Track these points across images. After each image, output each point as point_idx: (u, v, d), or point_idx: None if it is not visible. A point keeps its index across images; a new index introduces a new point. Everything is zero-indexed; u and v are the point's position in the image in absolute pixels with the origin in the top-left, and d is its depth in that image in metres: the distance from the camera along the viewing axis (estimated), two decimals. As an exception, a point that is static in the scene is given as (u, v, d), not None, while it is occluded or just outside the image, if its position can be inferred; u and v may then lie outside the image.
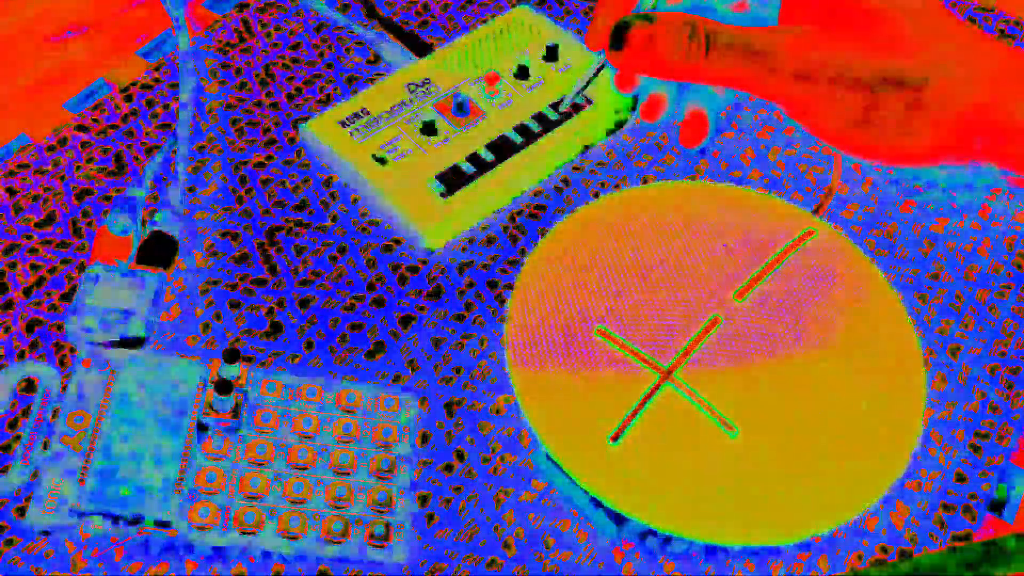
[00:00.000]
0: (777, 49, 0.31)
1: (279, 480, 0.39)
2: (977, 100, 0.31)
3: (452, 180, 0.49)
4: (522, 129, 0.51)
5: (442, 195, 0.48)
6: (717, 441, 0.39)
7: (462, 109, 0.51)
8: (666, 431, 0.39)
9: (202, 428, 0.40)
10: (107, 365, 0.41)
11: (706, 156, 0.54)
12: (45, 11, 0.58)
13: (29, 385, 0.42)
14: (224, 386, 0.40)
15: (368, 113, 0.51)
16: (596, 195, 0.52)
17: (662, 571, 0.40)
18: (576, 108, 0.52)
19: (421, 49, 0.56)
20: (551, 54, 0.54)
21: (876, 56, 0.31)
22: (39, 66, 0.55)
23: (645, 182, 0.52)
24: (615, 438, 0.39)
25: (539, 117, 0.52)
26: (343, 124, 0.51)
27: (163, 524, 0.37)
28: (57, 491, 0.37)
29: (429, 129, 0.49)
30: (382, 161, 0.49)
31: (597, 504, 0.41)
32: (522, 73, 0.53)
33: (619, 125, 0.53)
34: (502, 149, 0.50)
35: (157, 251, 0.45)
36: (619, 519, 0.40)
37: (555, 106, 0.52)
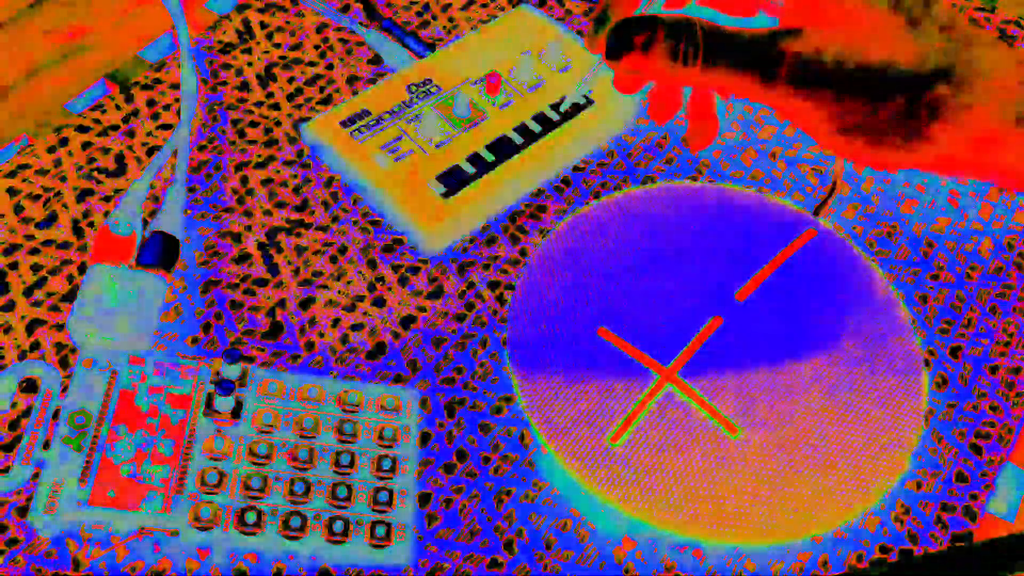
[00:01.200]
0: (774, 54, 0.31)
1: (280, 480, 0.39)
2: (982, 104, 0.30)
3: (453, 180, 0.49)
4: (522, 129, 0.51)
5: (443, 195, 0.48)
6: (717, 441, 0.39)
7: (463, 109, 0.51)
8: (666, 431, 0.39)
9: (209, 410, 0.40)
10: (108, 365, 0.41)
11: (706, 156, 0.54)
12: (46, 11, 0.58)
13: (30, 385, 0.42)
14: (225, 386, 0.40)
15: (369, 114, 0.51)
16: (597, 195, 0.52)
17: (663, 571, 0.40)
18: (576, 108, 0.52)
19: (422, 49, 0.56)
20: (551, 54, 0.54)
21: (878, 60, 0.30)
22: (39, 66, 0.55)
23: (646, 182, 0.52)
24: (616, 438, 0.39)
25: (539, 117, 0.52)
26: (344, 124, 0.51)
27: (164, 524, 0.37)
28: (58, 491, 0.37)
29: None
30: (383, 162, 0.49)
31: (598, 504, 0.41)
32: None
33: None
34: (502, 149, 0.50)
35: (158, 252, 0.45)
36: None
37: (555, 106, 0.52)
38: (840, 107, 0.31)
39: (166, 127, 0.52)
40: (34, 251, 0.47)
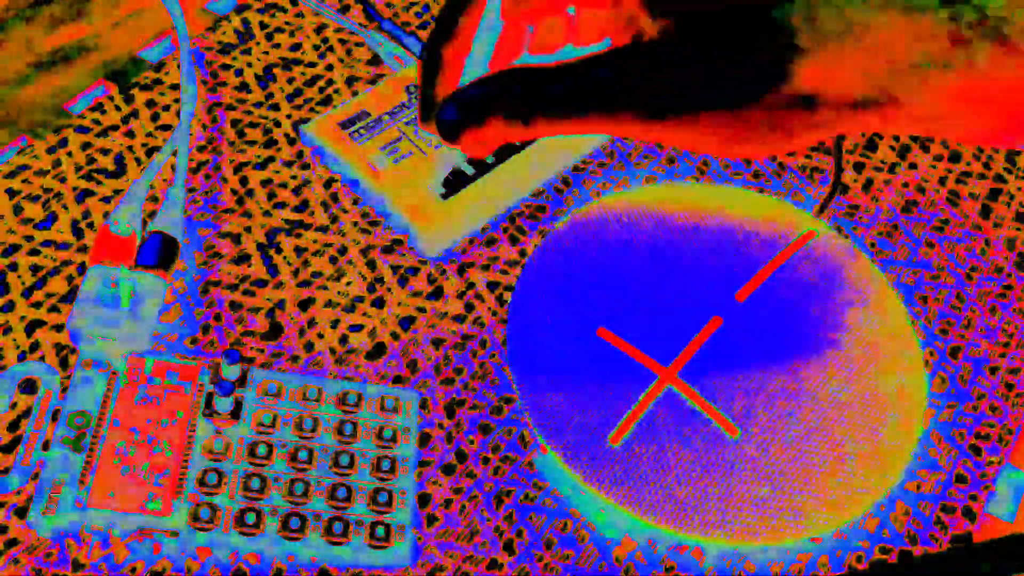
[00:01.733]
0: (609, 84, 0.27)
1: (279, 480, 0.39)
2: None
3: (452, 182, 0.49)
4: (522, 130, 0.51)
5: (442, 196, 0.48)
6: (717, 441, 0.39)
7: None
8: (666, 431, 0.39)
9: (209, 412, 0.40)
10: (107, 366, 0.41)
11: (706, 156, 0.54)
12: (46, 11, 0.58)
13: (30, 386, 0.42)
14: (224, 387, 0.40)
15: (369, 115, 0.51)
16: (597, 196, 0.52)
17: (663, 571, 0.40)
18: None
19: (422, 50, 0.56)
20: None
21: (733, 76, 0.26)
22: (39, 66, 0.55)
23: (646, 182, 0.52)
24: (616, 438, 0.39)
25: (539, 118, 0.52)
26: (343, 126, 0.51)
27: (164, 525, 0.37)
28: (58, 492, 0.37)
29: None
30: (381, 163, 0.49)
31: (598, 505, 0.41)
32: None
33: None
34: (502, 150, 0.50)
35: (158, 252, 0.45)
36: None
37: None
38: (701, 121, 0.26)
39: (166, 127, 0.52)
40: (34, 252, 0.47)
